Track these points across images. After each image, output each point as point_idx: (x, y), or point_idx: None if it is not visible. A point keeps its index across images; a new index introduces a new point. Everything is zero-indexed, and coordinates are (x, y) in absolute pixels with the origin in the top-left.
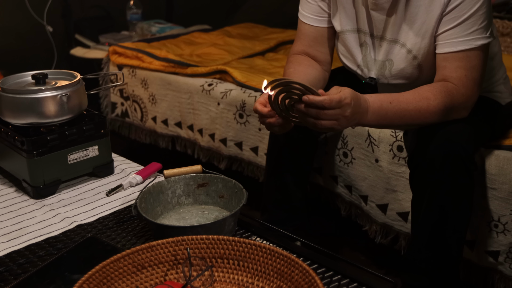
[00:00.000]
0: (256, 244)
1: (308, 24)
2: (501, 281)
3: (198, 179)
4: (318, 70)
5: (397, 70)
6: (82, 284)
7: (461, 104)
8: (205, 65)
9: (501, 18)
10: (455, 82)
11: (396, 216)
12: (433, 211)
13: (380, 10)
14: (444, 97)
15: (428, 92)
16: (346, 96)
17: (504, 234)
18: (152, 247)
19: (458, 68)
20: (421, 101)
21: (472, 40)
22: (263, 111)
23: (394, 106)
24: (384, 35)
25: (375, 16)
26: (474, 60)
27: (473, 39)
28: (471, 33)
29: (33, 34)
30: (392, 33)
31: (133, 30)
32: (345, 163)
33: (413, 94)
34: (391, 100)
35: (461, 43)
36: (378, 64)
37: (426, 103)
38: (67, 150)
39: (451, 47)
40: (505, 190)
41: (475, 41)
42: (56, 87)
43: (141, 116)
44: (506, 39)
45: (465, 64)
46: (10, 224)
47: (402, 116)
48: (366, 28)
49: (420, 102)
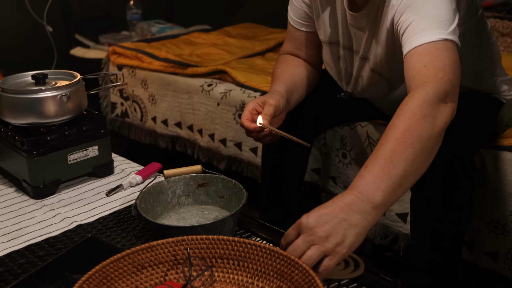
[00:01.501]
0: (256, 244)
1: (295, 27)
2: (500, 283)
3: (198, 179)
4: (307, 70)
5: (367, 87)
6: (82, 284)
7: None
8: (205, 65)
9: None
10: (415, 80)
11: (395, 217)
12: (431, 211)
13: (357, 25)
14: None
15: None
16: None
17: (504, 235)
18: (152, 247)
19: (416, 62)
20: (392, 135)
21: (423, 36)
22: (250, 127)
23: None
24: (358, 50)
25: (353, 31)
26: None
27: (425, 35)
28: (423, 30)
29: (33, 34)
30: (364, 50)
31: (133, 30)
32: (344, 164)
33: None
34: (371, 162)
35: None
36: (353, 80)
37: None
38: (67, 150)
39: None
40: (504, 191)
41: (428, 36)
42: (56, 87)
43: (141, 116)
44: (506, 39)
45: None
46: (10, 224)
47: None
48: (345, 43)
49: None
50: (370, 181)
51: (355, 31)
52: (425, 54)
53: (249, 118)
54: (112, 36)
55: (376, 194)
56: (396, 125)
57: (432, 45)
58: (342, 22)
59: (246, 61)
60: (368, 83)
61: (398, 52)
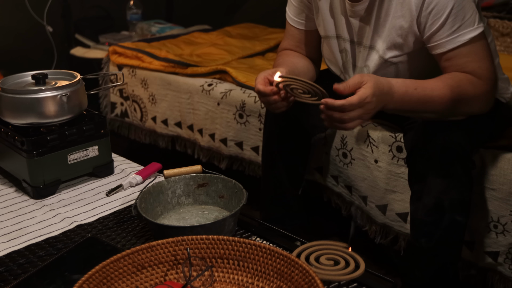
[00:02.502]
0: (256, 244)
1: (294, 26)
2: (501, 282)
3: (198, 179)
4: (306, 61)
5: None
6: (82, 284)
7: (483, 93)
8: (205, 65)
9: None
10: (470, 73)
11: (396, 216)
12: (431, 210)
13: (357, 16)
14: (467, 85)
15: (450, 80)
16: (366, 95)
17: (504, 234)
18: (152, 247)
19: (467, 63)
20: (444, 88)
21: (459, 36)
22: (267, 90)
23: (419, 92)
24: (362, 41)
25: (354, 23)
26: (480, 53)
27: (460, 35)
28: (456, 30)
29: (33, 34)
30: (368, 40)
31: (133, 30)
32: (345, 164)
33: (437, 81)
34: (416, 86)
35: (448, 43)
36: (357, 71)
37: (450, 91)
38: (67, 150)
39: (439, 48)
40: (504, 190)
41: (461, 36)
42: (56, 87)
43: (141, 116)
44: (506, 39)
45: (473, 58)
46: (10, 224)
47: (425, 102)
48: (345, 35)
49: (443, 89)
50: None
51: (356, 21)
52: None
53: (263, 83)
54: (112, 36)
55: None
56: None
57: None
58: (343, 14)
59: (246, 61)
60: (375, 71)
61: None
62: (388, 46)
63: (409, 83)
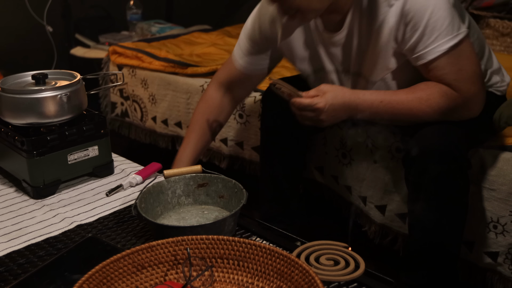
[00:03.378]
0: (256, 244)
1: (239, 62)
2: (500, 282)
3: (198, 179)
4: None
5: None
6: (82, 284)
7: (461, 104)
8: (205, 65)
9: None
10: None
11: (395, 217)
12: (428, 210)
13: (337, 46)
14: (437, 97)
15: (422, 91)
16: (316, 102)
17: (503, 235)
18: (152, 247)
19: (444, 75)
20: (413, 101)
21: (438, 46)
22: None
23: (385, 105)
24: (348, 69)
25: (336, 52)
26: (457, 63)
27: (438, 45)
28: (434, 41)
29: (33, 34)
30: (355, 66)
31: (133, 30)
32: (344, 164)
33: (407, 93)
34: (382, 99)
35: (428, 54)
36: None
37: (418, 103)
38: (67, 150)
39: (420, 60)
40: (504, 191)
41: (440, 46)
42: (56, 87)
43: (141, 116)
44: (506, 39)
45: (450, 70)
46: (10, 224)
47: (392, 114)
48: (329, 66)
49: (412, 102)
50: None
51: (338, 50)
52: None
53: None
54: (112, 36)
55: (365, 112)
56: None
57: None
58: (323, 46)
59: None
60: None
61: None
62: (374, 69)
63: (376, 96)
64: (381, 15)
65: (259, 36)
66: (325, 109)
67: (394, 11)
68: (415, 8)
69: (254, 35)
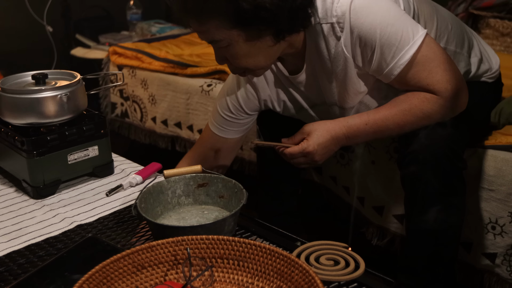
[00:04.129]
0: (256, 244)
1: (215, 133)
2: (498, 284)
3: (198, 179)
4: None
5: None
6: (82, 284)
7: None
8: (204, 65)
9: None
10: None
11: (392, 218)
12: (425, 211)
13: (304, 85)
14: (421, 104)
15: (403, 103)
16: (307, 146)
17: (502, 236)
18: (152, 247)
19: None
20: (397, 114)
21: (400, 59)
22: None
23: (371, 126)
24: (324, 101)
25: (303, 91)
26: (425, 67)
27: (400, 57)
28: (394, 55)
29: (33, 34)
30: (327, 98)
31: (133, 30)
32: (342, 165)
33: (389, 108)
34: (367, 121)
35: (393, 69)
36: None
37: (402, 115)
38: (67, 150)
39: (389, 77)
40: (502, 191)
41: (402, 58)
42: (56, 87)
43: (141, 116)
44: (506, 39)
45: (419, 76)
46: (10, 224)
47: (381, 132)
48: (305, 104)
49: (396, 115)
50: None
51: (305, 89)
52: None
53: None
54: (112, 36)
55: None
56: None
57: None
58: (291, 87)
59: None
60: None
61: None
62: (347, 96)
63: (359, 119)
64: (332, 49)
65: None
66: (315, 151)
67: (343, 42)
68: (363, 32)
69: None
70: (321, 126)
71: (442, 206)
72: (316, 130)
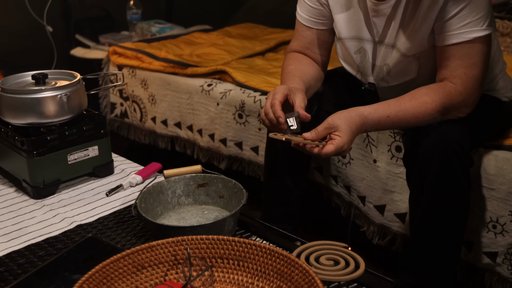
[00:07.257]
0: (256, 244)
1: (306, 25)
2: (499, 283)
3: (198, 179)
4: (316, 69)
5: (394, 73)
6: (82, 284)
7: (460, 103)
8: (205, 65)
9: (501, 18)
10: (454, 81)
11: (394, 217)
12: (430, 209)
13: (381, 16)
14: (442, 98)
15: (425, 95)
16: (343, 143)
17: (502, 235)
18: (152, 247)
19: (457, 66)
20: (418, 106)
21: (465, 33)
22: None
23: (392, 118)
24: (383, 40)
25: (376, 22)
26: (474, 57)
27: (466, 32)
28: (464, 26)
29: (33, 34)
30: (391, 38)
31: (133, 30)
32: (343, 164)
33: (411, 100)
34: (389, 113)
35: (454, 37)
36: (376, 69)
37: (424, 108)
38: (67, 150)
39: (445, 40)
40: (503, 190)
41: (468, 34)
42: (56, 87)
43: (141, 116)
44: (506, 39)
45: (465, 62)
46: (10, 224)
47: (399, 124)
48: (366, 35)
49: (417, 108)
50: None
51: (379, 20)
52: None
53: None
54: (112, 36)
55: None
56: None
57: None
58: (363, 14)
59: (246, 61)
60: (397, 68)
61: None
62: (412, 43)
63: (381, 111)
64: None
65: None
66: (348, 146)
67: None
68: None
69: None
70: (346, 118)
71: (447, 203)
72: (343, 124)
